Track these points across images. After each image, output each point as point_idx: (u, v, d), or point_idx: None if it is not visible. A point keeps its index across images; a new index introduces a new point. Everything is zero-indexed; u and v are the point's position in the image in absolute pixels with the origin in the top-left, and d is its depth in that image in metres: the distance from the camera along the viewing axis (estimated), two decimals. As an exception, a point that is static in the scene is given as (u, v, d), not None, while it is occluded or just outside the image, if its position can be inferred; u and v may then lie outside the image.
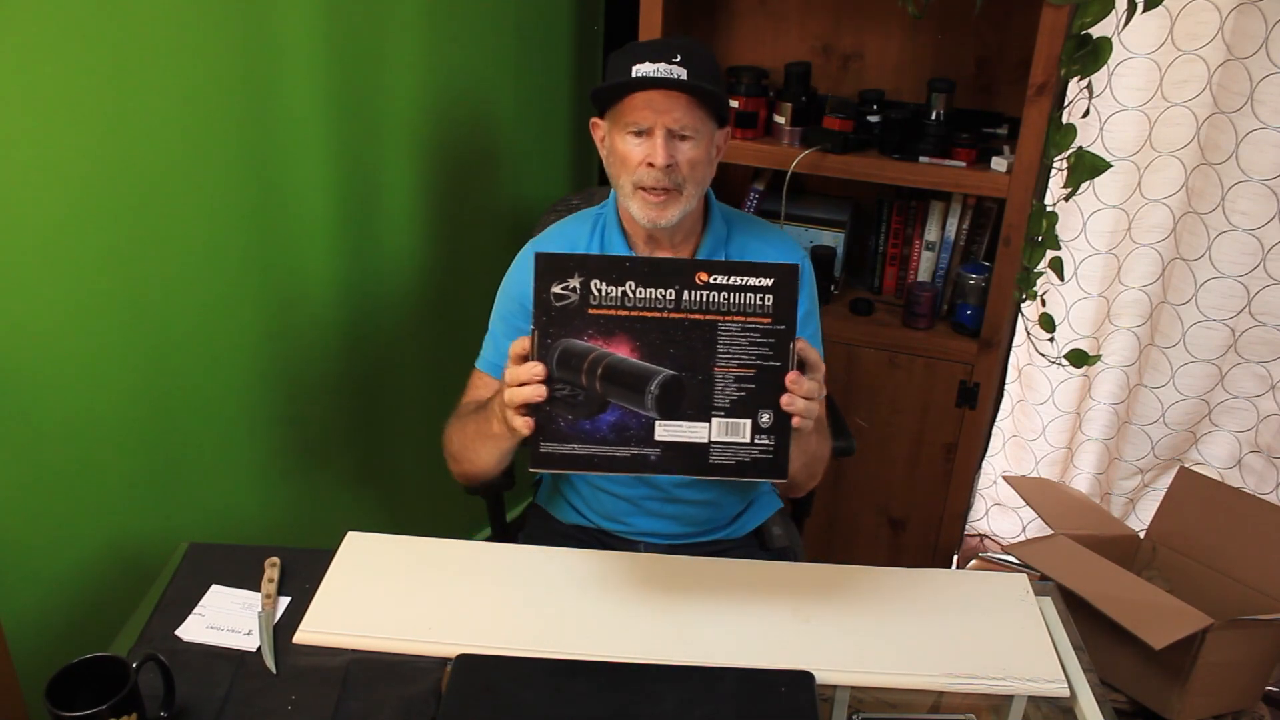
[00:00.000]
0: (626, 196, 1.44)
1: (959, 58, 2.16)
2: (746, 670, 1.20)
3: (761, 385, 1.17)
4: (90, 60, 1.41)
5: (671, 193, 1.41)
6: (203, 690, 1.17)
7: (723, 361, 1.17)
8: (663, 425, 1.17)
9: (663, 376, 1.15)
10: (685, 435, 1.17)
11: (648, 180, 1.40)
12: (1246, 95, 2.09)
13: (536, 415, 1.17)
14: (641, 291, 1.16)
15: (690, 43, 1.40)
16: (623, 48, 1.42)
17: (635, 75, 1.36)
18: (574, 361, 1.16)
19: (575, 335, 1.17)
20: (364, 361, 2.04)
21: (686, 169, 1.41)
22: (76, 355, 1.50)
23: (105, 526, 1.61)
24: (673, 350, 1.16)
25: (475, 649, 1.22)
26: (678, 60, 1.36)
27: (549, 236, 1.59)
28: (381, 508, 2.20)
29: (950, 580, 1.42)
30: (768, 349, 1.16)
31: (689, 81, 1.36)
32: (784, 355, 1.16)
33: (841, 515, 2.35)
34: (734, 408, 1.17)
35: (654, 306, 1.17)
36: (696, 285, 1.16)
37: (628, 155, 1.41)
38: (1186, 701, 2.04)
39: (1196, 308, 2.31)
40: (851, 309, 2.23)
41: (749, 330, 1.16)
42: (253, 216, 1.72)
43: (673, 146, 1.39)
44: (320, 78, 1.76)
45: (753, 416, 1.17)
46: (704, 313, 1.16)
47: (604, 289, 1.16)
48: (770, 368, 1.16)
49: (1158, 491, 2.45)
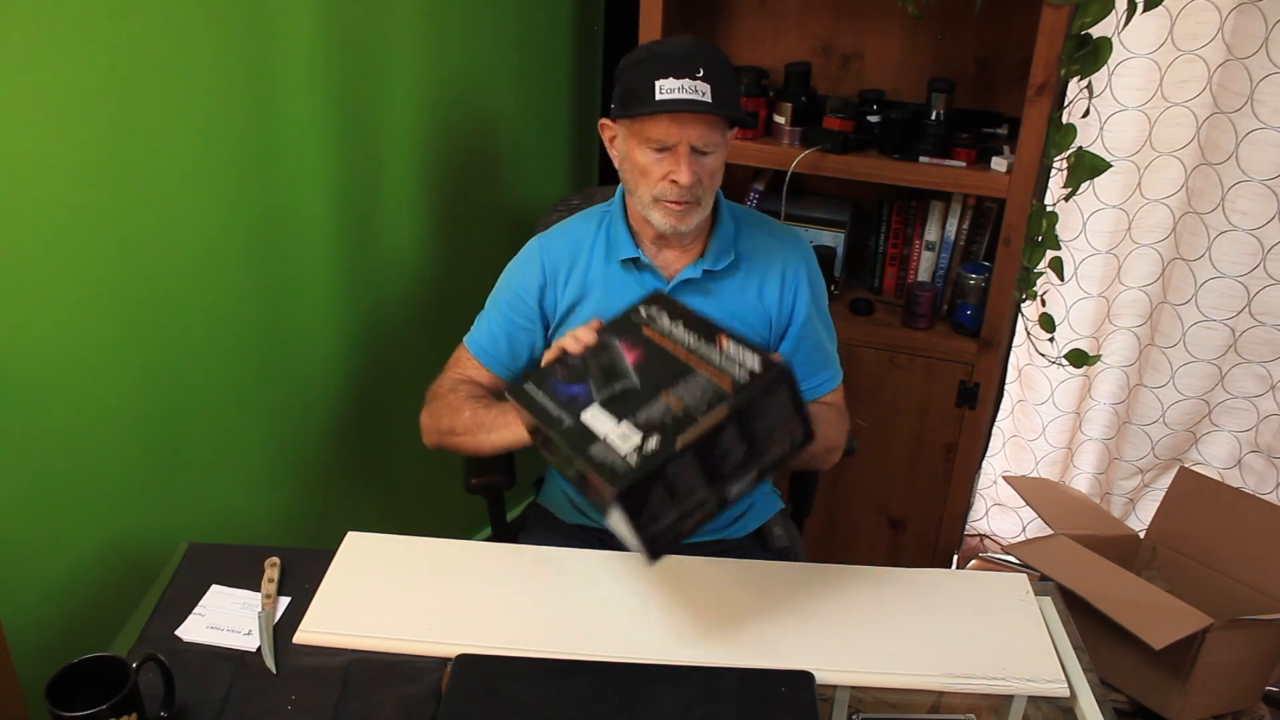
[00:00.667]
0: (645, 206, 1.45)
1: (959, 58, 2.17)
2: (746, 670, 1.20)
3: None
4: (90, 60, 1.40)
5: (691, 203, 1.43)
6: (203, 690, 1.17)
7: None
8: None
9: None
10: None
11: (671, 195, 1.42)
12: (1246, 95, 2.09)
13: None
14: (668, 324, 1.29)
15: (710, 53, 1.39)
16: (642, 56, 1.41)
17: (661, 95, 1.35)
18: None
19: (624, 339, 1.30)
20: (364, 361, 2.04)
21: (707, 180, 1.43)
22: (76, 355, 1.50)
23: (105, 526, 1.61)
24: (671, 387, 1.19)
25: (475, 649, 1.22)
26: (701, 75, 1.36)
27: (556, 233, 1.60)
28: (381, 508, 2.20)
29: (950, 580, 1.42)
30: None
31: (716, 106, 1.36)
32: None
33: (841, 515, 2.35)
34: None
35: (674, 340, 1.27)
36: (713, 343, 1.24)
37: (649, 169, 1.42)
38: (1186, 701, 2.04)
39: (1196, 308, 2.31)
40: (851, 309, 2.23)
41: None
42: (253, 216, 1.72)
43: (696, 163, 1.40)
44: (320, 77, 1.76)
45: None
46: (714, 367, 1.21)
47: (655, 314, 1.32)
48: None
49: (1158, 491, 2.45)
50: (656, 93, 1.35)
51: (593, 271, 1.55)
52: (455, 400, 1.51)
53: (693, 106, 1.35)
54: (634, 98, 1.38)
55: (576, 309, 1.55)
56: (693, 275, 1.52)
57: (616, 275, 1.54)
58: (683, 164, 1.39)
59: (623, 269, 1.53)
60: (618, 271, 1.54)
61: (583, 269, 1.55)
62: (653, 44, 1.43)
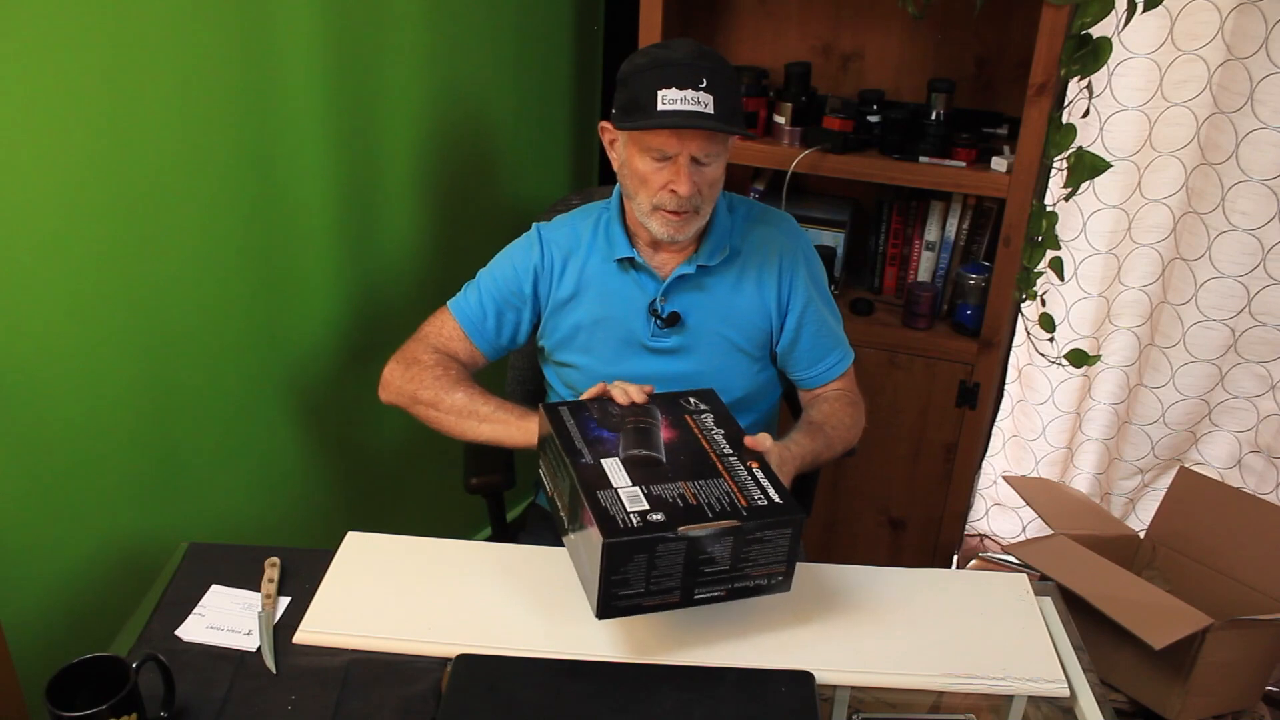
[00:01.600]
0: (644, 214, 1.45)
1: (959, 58, 2.17)
2: (746, 670, 1.20)
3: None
4: (89, 59, 1.40)
5: (690, 213, 1.43)
6: (203, 690, 1.17)
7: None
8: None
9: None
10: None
11: (670, 204, 1.42)
12: (1246, 95, 2.09)
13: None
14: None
15: (713, 61, 1.39)
16: (645, 63, 1.39)
17: (664, 107, 1.34)
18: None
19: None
20: (364, 361, 2.04)
21: (707, 190, 1.43)
22: (76, 355, 1.50)
23: (105, 526, 1.61)
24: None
25: (475, 649, 1.22)
26: (704, 86, 1.35)
27: (557, 225, 1.60)
28: (381, 508, 2.20)
29: (950, 580, 1.42)
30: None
31: (719, 121, 1.35)
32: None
33: (841, 515, 2.35)
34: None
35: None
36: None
37: (649, 177, 1.41)
38: (1186, 701, 2.04)
39: (1196, 308, 2.31)
40: (851, 309, 2.23)
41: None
42: (252, 216, 1.72)
43: (696, 173, 1.40)
44: (319, 76, 1.76)
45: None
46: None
47: (702, 410, 1.38)
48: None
49: (1158, 491, 2.45)
50: (659, 103, 1.34)
51: (589, 268, 1.55)
52: (446, 378, 1.49)
53: (695, 121, 1.34)
54: (636, 107, 1.38)
55: (572, 303, 1.55)
56: (687, 271, 1.52)
57: (613, 274, 1.54)
58: (683, 175, 1.39)
59: (619, 268, 1.54)
60: (614, 270, 1.54)
61: (579, 264, 1.55)
62: (655, 49, 1.42)
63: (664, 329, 1.53)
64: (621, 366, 1.54)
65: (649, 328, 1.54)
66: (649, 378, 1.52)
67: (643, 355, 1.55)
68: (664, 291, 1.52)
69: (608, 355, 1.55)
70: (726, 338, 1.55)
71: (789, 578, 1.22)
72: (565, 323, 1.56)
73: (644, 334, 1.54)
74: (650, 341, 1.54)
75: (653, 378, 1.53)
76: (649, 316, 1.53)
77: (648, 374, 1.53)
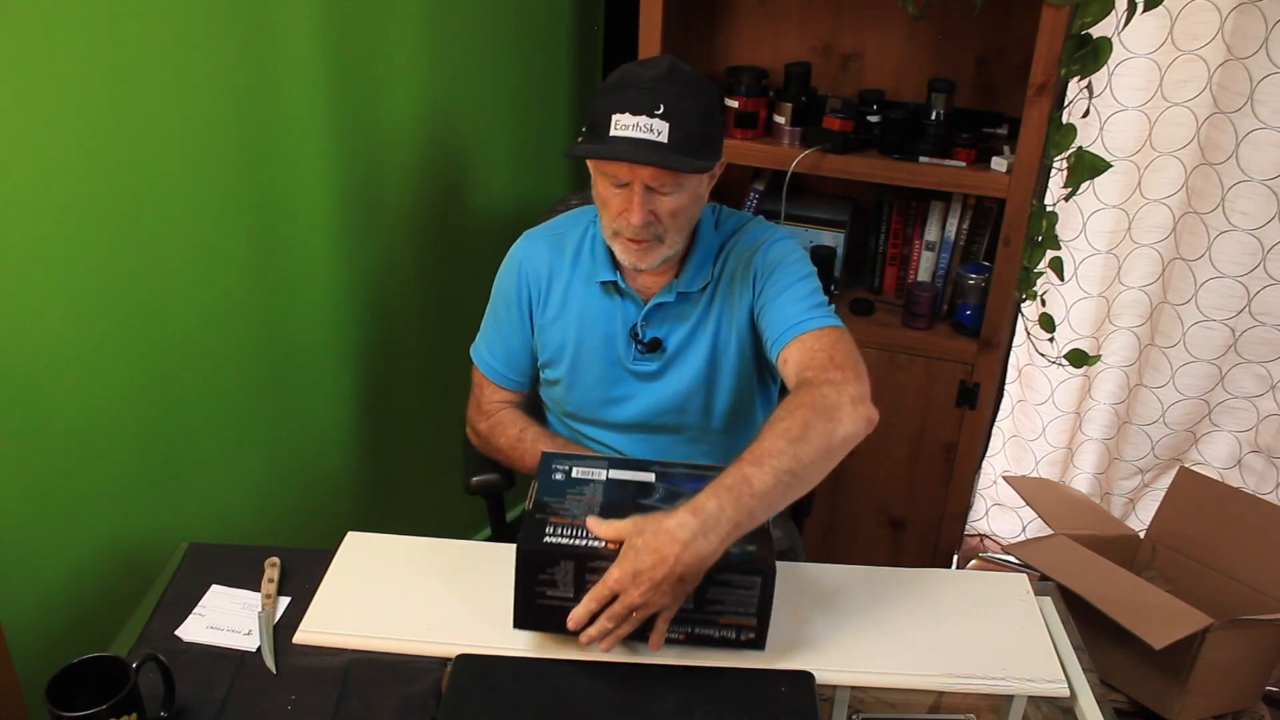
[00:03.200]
0: (608, 236, 1.42)
1: (959, 58, 2.16)
2: (746, 670, 1.20)
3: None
4: (90, 60, 1.41)
5: (651, 241, 1.38)
6: (203, 690, 1.17)
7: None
8: None
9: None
10: None
11: (626, 231, 1.36)
12: (1246, 95, 2.09)
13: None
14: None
15: (680, 85, 1.31)
16: (614, 80, 1.34)
17: (615, 133, 1.29)
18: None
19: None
20: (363, 361, 2.04)
21: (667, 219, 1.36)
22: (76, 355, 1.50)
23: (105, 526, 1.61)
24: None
25: (475, 649, 1.22)
26: (659, 113, 1.27)
27: (540, 237, 1.57)
28: (381, 508, 2.20)
29: (950, 580, 1.42)
30: None
31: (666, 156, 1.27)
32: None
33: (841, 515, 2.35)
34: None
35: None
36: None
37: (608, 201, 1.37)
38: (1186, 701, 2.04)
39: (1196, 308, 2.31)
40: (851, 309, 2.23)
41: None
42: (253, 216, 1.72)
43: (652, 200, 1.34)
44: (319, 77, 1.76)
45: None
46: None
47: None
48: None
49: (1158, 491, 2.45)
50: (611, 128, 1.29)
51: (572, 288, 1.52)
52: (529, 449, 1.54)
53: (641, 154, 1.27)
54: (593, 129, 1.33)
55: (557, 323, 1.53)
56: (666, 299, 1.47)
57: (595, 295, 1.51)
58: (635, 204, 1.32)
59: (602, 290, 1.50)
60: (596, 292, 1.51)
61: (563, 283, 1.52)
62: (630, 66, 1.35)
63: (645, 353, 1.50)
64: (602, 388, 1.53)
65: (630, 351, 1.51)
66: (630, 398, 1.53)
67: (625, 378, 1.52)
68: (645, 316, 1.49)
69: (589, 376, 1.53)
70: (708, 359, 1.50)
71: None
72: (552, 341, 1.54)
73: (626, 357, 1.51)
74: (631, 365, 1.51)
75: (633, 398, 1.53)
76: (630, 340, 1.50)
77: (628, 394, 1.52)
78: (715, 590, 1.16)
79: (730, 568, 1.14)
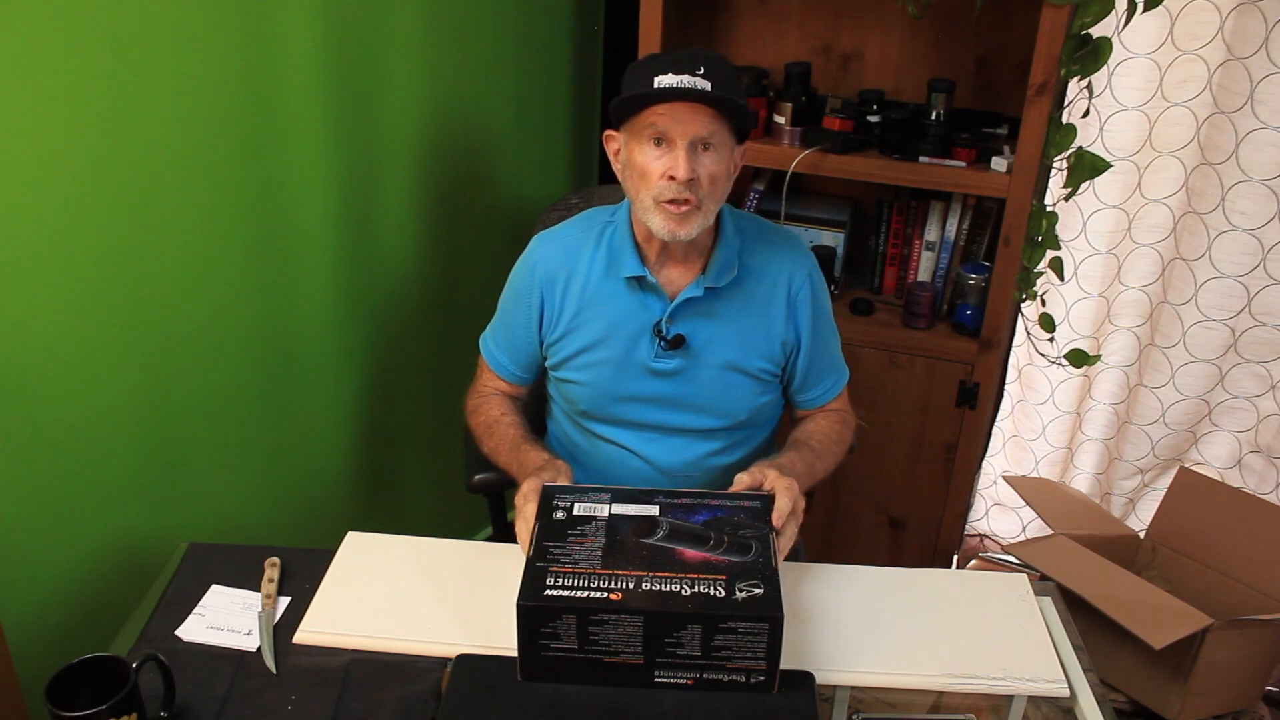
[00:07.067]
0: (646, 211, 1.41)
1: (959, 58, 2.17)
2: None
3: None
4: (90, 59, 1.41)
5: (692, 205, 1.39)
6: (203, 690, 1.17)
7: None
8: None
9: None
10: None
11: (668, 193, 1.37)
12: (1246, 95, 2.09)
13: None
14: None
15: (712, 55, 1.38)
16: (641, 60, 1.39)
17: (658, 86, 1.34)
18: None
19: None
20: (364, 361, 2.04)
21: (707, 184, 1.39)
22: (76, 355, 1.50)
23: (105, 526, 1.61)
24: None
25: (475, 649, 1.22)
26: (701, 72, 1.34)
27: (554, 239, 1.57)
28: (381, 508, 2.20)
29: (950, 580, 1.42)
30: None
31: (714, 93, 1.34)
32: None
33: (841, 515, 2.35)
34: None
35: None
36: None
37: (647, 169, 1.38)
38: (1186, 701, 2.04)
39: (1196, 308, 2.31)
40: (851, 309, 2.23)
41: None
42: (253, 216, 1.72)
43: (695, 159, 1.36)
44: (320, 77, 1.76)
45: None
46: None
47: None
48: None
49: (1158, 491, 2.45)
50: (654, 85, 1.34)
51: (590, 285, 1.51)
52: (500, 434, 1.55)
53: (689, 95, 1.33)
54: (635, 94, 1.37)
55: (576, 325, 1.52)
56: (694, 294, 1.48)
57: (618, 292, 1.50)
58: (681, 158, 1.35)
59: (625, 287, 1.50)
60: (620, 288, 1.50)
61: (580, 282, 1.51)
62: (654, 53, 1.42)
63: (667, 350, 1.50)
64: (621, 386, 1.52)
65: (652, 349, 1.50)
66: (648, 398, 1.52)
67: (643, 376, 1.52)
68: (670, 313, 1.49)
69: (607, 374, 1.52)
70: (730, 361, 1.51)
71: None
72: (570, 345, 1.53)
73: (646, 355, 1.50)
74: (652, 363, 1.50)
75: (651, 398, 1.52)
76: (653, 338, 1.50)
77: (647, 394, 1.52)
78: (722, 638, 1.14)
79: (738, 616, 1.13)
